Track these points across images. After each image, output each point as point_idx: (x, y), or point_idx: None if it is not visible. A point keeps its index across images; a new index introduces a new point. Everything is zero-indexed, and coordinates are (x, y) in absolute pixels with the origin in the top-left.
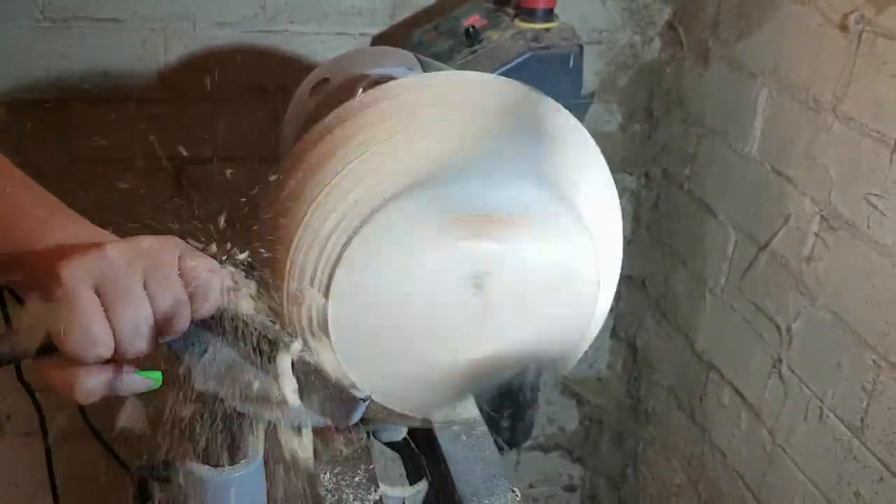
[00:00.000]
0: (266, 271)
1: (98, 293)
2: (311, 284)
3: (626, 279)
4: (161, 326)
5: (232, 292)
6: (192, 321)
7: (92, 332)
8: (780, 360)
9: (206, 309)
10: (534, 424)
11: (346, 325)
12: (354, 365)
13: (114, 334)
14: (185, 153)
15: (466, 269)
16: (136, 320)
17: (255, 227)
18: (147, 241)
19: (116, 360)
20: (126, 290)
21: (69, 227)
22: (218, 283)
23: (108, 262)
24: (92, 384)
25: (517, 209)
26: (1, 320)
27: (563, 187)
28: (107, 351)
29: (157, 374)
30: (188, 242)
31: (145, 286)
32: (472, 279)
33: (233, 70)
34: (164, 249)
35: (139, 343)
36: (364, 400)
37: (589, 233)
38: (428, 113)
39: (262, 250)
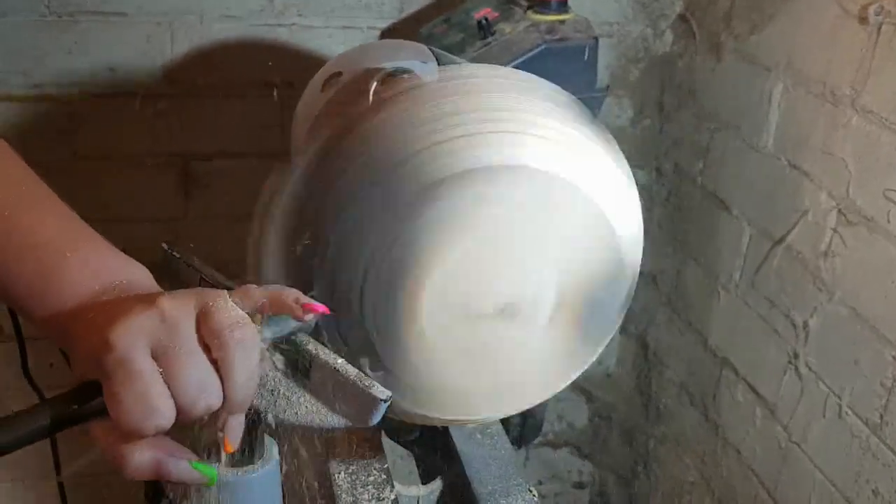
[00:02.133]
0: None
1: (155, 356)
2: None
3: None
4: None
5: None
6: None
7: (150, 400)
8: (797, 357)
9: (244, 388)
10: (543, 421)
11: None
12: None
13: (175, 401)
14: (190, 148)
15: (490, 264)
16: (201, 380)
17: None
18: (193, 293)
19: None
20: (186, 348)
21: (91, 260)
22: (252, 346)
23: (162, 318)
24: (141, 462)
25: (530, 199)
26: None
27: (577, 176)
28: (167, 421)
29: (213, 471)
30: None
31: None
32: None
33: (239, 64)
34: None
35: (207, 401)
36: (385, 401)
37: (605, 214)
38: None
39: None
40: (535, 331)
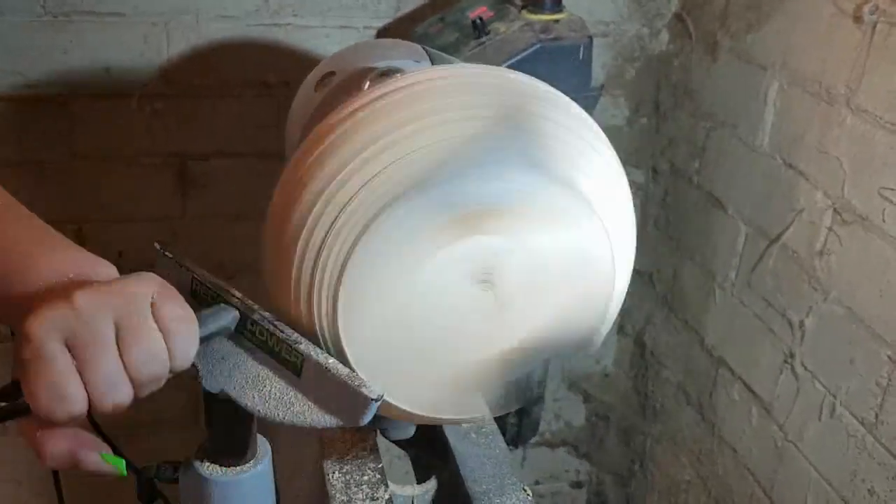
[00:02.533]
0: (272, 274)
1: (69, 347)
2: (319, 291)
3: (633, 274)
4: (136, 378)
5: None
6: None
7: (61, 388)
8: (793, 356)
9: (183, 362)
10: (540, 420)
11: (357, 331)
12: (367, 368)
13: (87, 389)
14: (187, 148)
15: (473, 266)
16: (110, 373)
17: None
18: (118, 286)
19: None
20: (98, 342)
21: (55, 256)
22: (191, 333)
23: (77, 313)
24: (56, 451)
25: (519, 200)
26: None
27: (569, 175)
28: (79, 408)
29: (121, 462)
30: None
31: (118, 337)
32: (480, 276)
33: (236, 64)
34: (134, 288)
35: (115, 397)
36: (376, 399)
37: (598, 215)
38: (428, 108)
39: (267, 254)
40: (504, 338)
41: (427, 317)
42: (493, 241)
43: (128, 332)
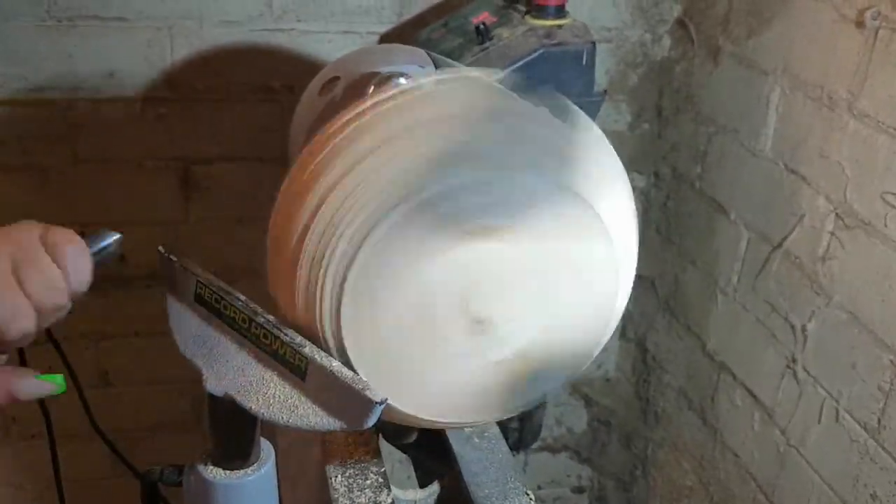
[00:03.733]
0: (276, 278)
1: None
2: (322, 294)
3: (635, 279)
4: (40, 306)
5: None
6: (72, 297)
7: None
8: (795, 361)
9: (80, 281)
10: (542, 426)
11: (360, 335)
12: (371, 372)
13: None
14: (191, 153)
15: (474, 271)
16: (11, 310)
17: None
18: (2, 233)
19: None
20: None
21: None
22: (81, 249)
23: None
24: None
25: (521, 206)
26: None
27: (571, 181)
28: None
29: (59, 378)
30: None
31: (14, 271)
32: (481, 281)
33: (239, 69)
34: (22, 232)
35: (18, 326)
36: (380, 403)
37: (600, 219)
38: (429, 115)
39: (271, 258)
40: (501, 355)
41: (429, 321)
42: (493, 247)
43: (22, 265)
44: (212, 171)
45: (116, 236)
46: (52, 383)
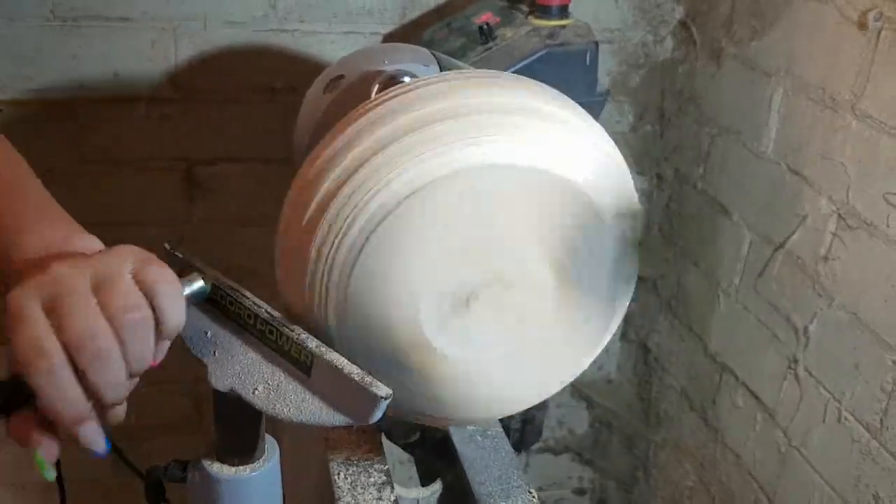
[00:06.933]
0: (283, 274)
1: (47, 309)
2: (328, 291)
3: (637, 280)
4: (119, 328)
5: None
6: (161, 337)
7: (39, 342)
8: (797, 361)
9: (172, 322)
10: (543, 426)
11: (366, 330)
12: (376, 368)
13: (64, 340)
14: (195, 153)
15: (480, 266)
16: (87, 323)
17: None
18: (96, 256)
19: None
20: (72, 294)
21: (43, 231)
22: (175, 290)
23: (52, 278)
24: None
25: (520, 195)
26: None
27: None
28: (57, 360)
29: (41, 461)
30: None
31: (97, 294)
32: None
33: (243, 70)
34: (114, 260)
35: (95, 346)
36: (385, 398)
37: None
38: (435, 111)
39: (279, 255)
40: (540, 306)
41: (434, 316)
42: (496, 244)
43: (104, 287)
44: (215, 171)
45: (202, 284)
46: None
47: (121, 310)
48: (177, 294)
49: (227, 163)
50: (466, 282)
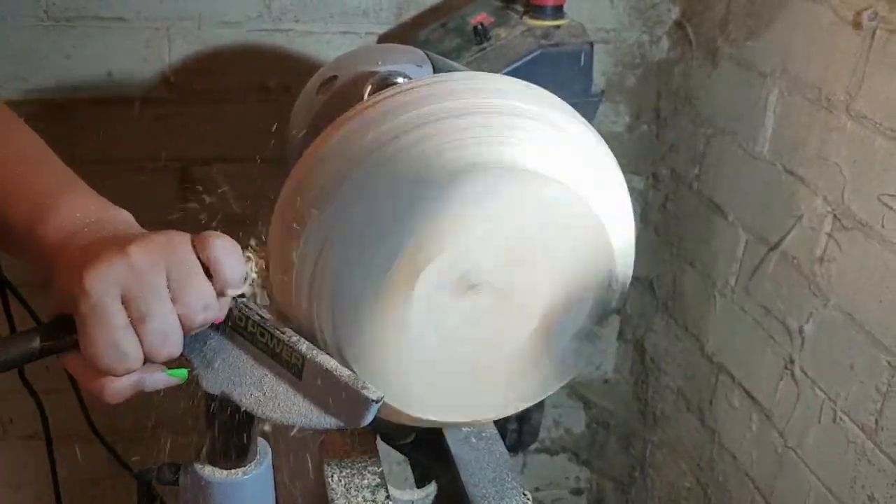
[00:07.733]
0: (274, 275)
1: (125, 302)
2: (319, 293)
3: (633, 280)
4: (188, 324)
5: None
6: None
7: (121, 348)
8: (792, 362)
9: (233, 283)
10: (540, 426)
11: (357, 334)
12: (368, 371)
13: (143, 343)
14: (189, 153)
15: (471, 259)
16: (165, 330)
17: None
18: (164, 239)
19: None
20: (154, 300)
21: (76, 200)
22: (238, 255)
23: (132, 268)
24: (120, 387)
25: (502, 195)
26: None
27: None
28: (136, 364)
29: (183, 373)
30: None
31: (170, 287)
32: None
33: (237, 70)
34: (183, 244)
35: (169, 349)
36: (376, 401)
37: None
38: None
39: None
40: (523, 325)
41: (426, 321)
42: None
43: (180, 283)
44: (210, 171)
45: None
46: (177, 378)
47: (197, 311)
48: (238, 261)
49: (223, 163)
50: (483, 270)
